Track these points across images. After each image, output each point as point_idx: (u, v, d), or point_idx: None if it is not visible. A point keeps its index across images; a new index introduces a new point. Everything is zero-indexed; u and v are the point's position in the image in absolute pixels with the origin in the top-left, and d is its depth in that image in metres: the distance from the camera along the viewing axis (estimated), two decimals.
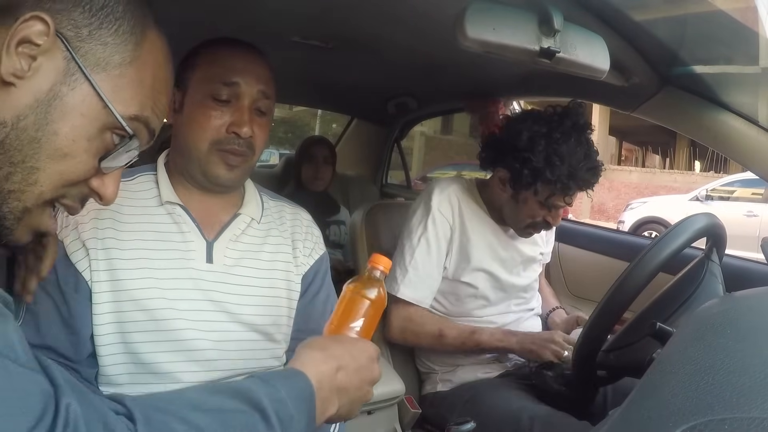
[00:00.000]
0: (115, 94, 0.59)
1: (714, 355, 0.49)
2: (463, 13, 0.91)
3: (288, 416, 0.57)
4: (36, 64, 0.54)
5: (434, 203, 1.45)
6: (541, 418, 1.21)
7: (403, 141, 3.16)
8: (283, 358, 1.03)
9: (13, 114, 0.54)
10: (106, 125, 0.59)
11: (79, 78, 0.56)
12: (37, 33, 0.53)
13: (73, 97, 0.56)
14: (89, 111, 0.57)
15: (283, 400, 0.57)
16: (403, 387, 1.34)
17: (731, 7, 1.07)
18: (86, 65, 0.57)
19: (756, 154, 1.21)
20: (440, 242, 1.44)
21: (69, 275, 0.85)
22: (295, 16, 1.39)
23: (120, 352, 0.86)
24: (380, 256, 0.78)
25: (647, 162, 19.73)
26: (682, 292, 1.07)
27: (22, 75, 0.53)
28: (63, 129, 0.56)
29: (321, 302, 1.07)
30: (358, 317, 0.75)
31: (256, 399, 0.56)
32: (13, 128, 0.54)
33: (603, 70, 1.06)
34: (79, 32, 0.56)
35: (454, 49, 0.96)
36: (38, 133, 0.55)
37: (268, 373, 0.61)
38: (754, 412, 0.40)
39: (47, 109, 0.55)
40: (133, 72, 0.60)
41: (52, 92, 0.55)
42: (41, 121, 0.55)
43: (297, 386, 0.61)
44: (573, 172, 1.30)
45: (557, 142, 1.30)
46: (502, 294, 1.50)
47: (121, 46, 0.59)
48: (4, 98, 0.54)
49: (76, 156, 0.58)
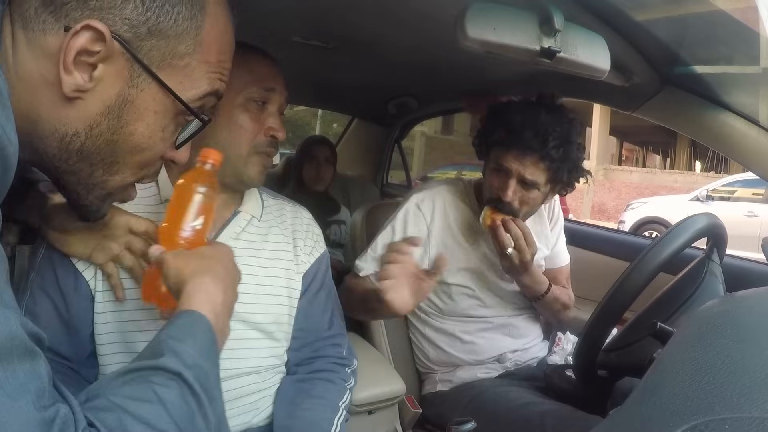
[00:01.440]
0: (183, 83, 0.57)
1: (714, 355, 0.49)
2: (464, 13, 0.91)
3: (204, 376, 0.53)
4: (97, 74, 0.52)
5: (415, 198, 1.47)
6: (552, 412, 1.20)
7: (404, 141, 3.16)
8: (284, 357, 1.03)
9: (85, 124, 0.53)
10: (179, 112, 0.59)
11: (146, 78, 0.55)
12: (91, 41, 0.50)
13: (144, 98, 0.55)
14: (161, 107, 0.57)
15: (198, 364, 0.54)
16: (404, 387, 1.34)
17: (732, 7, 1.07)
18: (150, 64, 0.54)
19: (756, 155, 1.21)
20: (408, 234, 1.42)
21: (68, 275, 0.85)
22: (296, 16, 1.39)
23: (120, 351, 0.86)
24: (211, 149, 0.73)
25: (648, 162, 19.72)
26: (682, 292, 1.07)
27: (85, 88, 0.52)
28: (139, 129, 0.56)
29: (321, 301, 1.08)
30: (198, 215, 0.71)
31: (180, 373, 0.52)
32: (87, 137, 0.54)
33: (604, 70, 1.06)
34: (137, 31, 0.53)
35: (455, 49, 0.96)
36: (114, 136, 0.55)
37: (173, 333, 0.55)
38: (755, 412, 0.40)
39: (119, 113, 0.54)
40: (198, 56, 0.58)
41: (121, 97, 0.54)
42: (115, 125, 0.54)
43: (204, 338, 0.57)
44: (507, 126, 1.31)
45: (504, 109, 1.36)
46: (496, 297, 1.49)
47: (182, 35, 0.56)
48: (73, 110, 0.52)
49: (153, 147, 0.59)
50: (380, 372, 1.37)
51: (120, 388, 0.48)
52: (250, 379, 0.95)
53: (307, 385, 1.02)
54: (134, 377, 0.49)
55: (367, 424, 1.29)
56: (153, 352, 0.52)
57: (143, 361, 0.51)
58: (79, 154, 0.55)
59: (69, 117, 0.53)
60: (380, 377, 1.34)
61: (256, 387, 0.96)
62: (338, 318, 1.12)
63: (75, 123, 0.53)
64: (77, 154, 0.55)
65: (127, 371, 0.50)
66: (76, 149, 0.54)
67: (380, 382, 1.32)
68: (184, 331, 0.55)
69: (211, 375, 0.54)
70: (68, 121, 0.53)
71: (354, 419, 1.11)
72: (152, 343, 0.54)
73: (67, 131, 0.53)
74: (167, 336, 0.54)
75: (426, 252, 1.44)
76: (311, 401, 0.98)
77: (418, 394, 1.56)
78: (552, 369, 1.39)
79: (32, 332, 0.42)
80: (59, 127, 0.53)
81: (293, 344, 1.04)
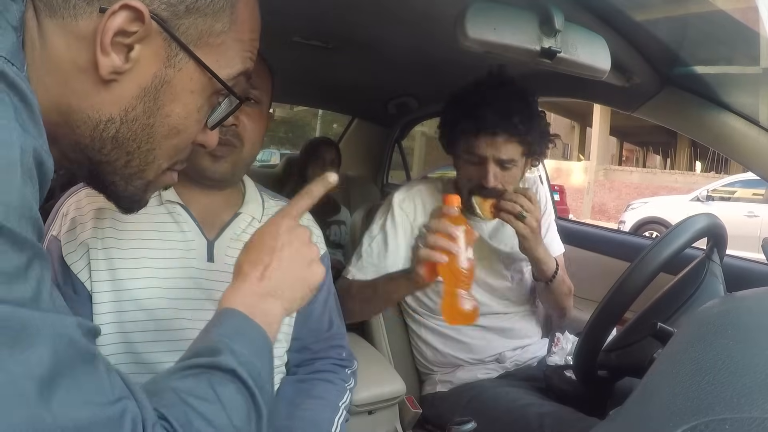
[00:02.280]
0: (219, 61, 0.56)
1: (715, 355, 0.49)
2: (464, 13, 0.91)
3: (257, 373, 0.55)
4: (134, 54, 0.50)
5: (396, 199, 1.47)
6: (551, 414, 1.20)
7: (404, 141, 3.16)
8: (284, 357, 1.03)
9: (120, 108, 0.52)
10: (213, 92, 0.58)
11: (183, 57, 0.53)
12: (128, 21, 0.49)
13: (181, 78, 0.54)
14: (197, 86, 0.56)
15: (251, 361, 0.55)
16: (404, 387, 1.34)
17: (732, 8, 1.07)
18: (188, 43, 0.53)
19: (757, 155, 1.21)
20: (398, 237, 1.43)
21: (67, 276, 0.85)
22: (296, 16, 1.39)
23: (121, 351, 0.86)
24: (451, 196, 0.99)
25: (648, 162, 19.74)
26: (683, 292, 1.07)
27: (122, 70, 0.50)
28: (175, 110, 0.55)
29: (321, 302, 1.07)
30: (467, 248, 0.96)
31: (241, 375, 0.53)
32: (123, 122, 0.53)
33: (604, 70, 1.06)
34: (175, 10, 0.51)
35: (455, 49, 0.96)
36: (150, 120, 0.54)
37: (221, 334, 0.56)
38: (755, 412, 0.40)
39: (155, 95, 0.53)
40: (233, 35, 0.57)
41: (158, 78, 0.52)
42: (151, 108, 0.53)
43: (255, 336, 0.58)
44: (469, 111, 1.29)
45: (460, 95, 1.37)
46: (487, 295, 1.48)
47: (219, 13, 0.54)
48: (107, 94, 0.51)
49: (188, 128, 0.58)
50: (380, 372, 1.37)
51: (182, 383, 0.50)
52: None
53: (307, 386, 1.02)
54: (194, 373, 0.51)
55: (368, 424, 1.30)
56: (210, 350, 0.53)
57: (201, 358, 0.53)
58: (114, 141, 0.53)
59: (103, 102, 0.51)
60: (380, 377, 1.34)
61: None
62: (338, 319, 1.12)
63: (109, 108, 0.52)
64: (112, 141, 0.53)
65: (187, 367, 0.52)
66: (111, 136, 0.53)
67: (380, 382, 1.32)
68: (236, 330, 0.57)
69: (263, 373, 0.56)
70: (102, 107, 0.52)
71: (354, 419, 1.11)
72: (205, 340, 0.56)
73: (101, 118, 0.52)
74: (220, 335, 0.55)
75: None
76: (311, 401, 0.98)
77: (418, 394, 1.56)
78: (552, 370, 1.39)
79: (87, 329, 0.43)
80: (92, 114, 0.52)
81: (293, 345, 1.04)
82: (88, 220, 0.87)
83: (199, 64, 0.54)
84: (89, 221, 0.87)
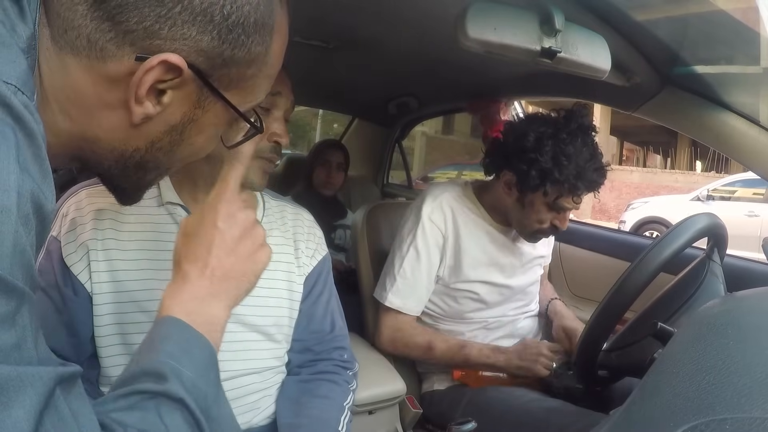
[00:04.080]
0: (246, 98, 0.57)
1: (715, 355, 0.49)
2: (464, 13, 0.91)
3: (202, 397, 0.52)
4: (166, 98, 0.50)
5: (425, 212, 1.44)
6: (555, 409, 1.21)
7: (405, 141, 3.16)
8: (284, 358, 1.03)
9: (147, 141, 0.53)
10: (234, 120, 0.59)
11: (213, 100, 0.54)
12: (165, 71, 0.48)
13: (208, 117, 0.55)
14: (222, 120, 0.57)
15: (196, 385, 0.52)
16: (404, 387, 1.34)
17: (732, 7, 1.07)
18: (220, 88, 0.53)
19: (757, 154, 1.21)
20: (431, 251, 1.43)
21: (67, 277, 0.85)
22: (296, 16, 1.37)
23: (121, 353, 0.86)
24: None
25: (648, 162, 19.72)
26: (683, 292, 1.07)
27: (153, 114, 0.51)
28: (198, 141, 0.56)
29: (323, 304, 1.07)
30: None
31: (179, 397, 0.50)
32: (147, 151, 0.54)
33: (604, 70, 1.06)
34: (213, 62, 0.51)
35: (455, 49, 0.96)
36: (174, 148, 0.55)
37: (167, 354, 0.52)
38: (756, 412, 0.40)
39: (182, 130, 0.54)
40: (264, 72, 0.57)
41: (186, 117, 0.53)
42: (177, 140, 0.55)
43: (201, 356, 0.55)
44: (581, 172, 1.28)
45: (564, 142, 1.29)
46: (500, 297, 1.49)
47: (254, 60, 0.54)
48: (135, 132, 0.52)
49: (206, 151, 0.59)
50: (381, 372, 1.37)
51: (130, 417, 0.47)
52: (251, 378, 0.95)
53: (311, 386, 1.02)
54: (140, 402, 0.49)
55: (368, 424, 1.30)
56: (156, 374, 0.50)
57: (148, 384, 0.50)
58: (137, 165, 0.55)
59: (131, 138, 0.52)
60: (381, 377, 1.34)
61: (257, 387, 0.96)
62: (340, 321, 1.12)
63: (136, 142, 0.53)
64: (135, 166, 0.55)
65: (133, 393, 0.49)
66: (135, 162, 0.54)
67: (381, 382, 1.32)
68: (182, 348, 0.54)
69: (209, 395, 0.53)
70: (129, 141, 0.53)
71: (355, 419, 1.11)
72: (150, 358, 0.52)
73: (127, 149, 0.53)
74: (166, 355, 0.52)
75: (443, 260, 1.45)
76: (317, 401, 0.98)
77: (418, 394, 1.56)
78: (553, 368, 1.39)
79: (69, 376, 0.41)
80: (118, 145, 0.53)
81: (296, 347, 1.04)
82: (88, 221, 0.87)
83: (227, 104, 0.55)
84: (89, 222, 0.87)
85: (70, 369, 0.41)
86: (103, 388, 0.88)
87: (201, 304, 0.57)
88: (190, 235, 0.61)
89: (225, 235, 0.60)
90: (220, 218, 0.60)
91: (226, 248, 0.60)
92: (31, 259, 0.40)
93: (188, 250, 0.60)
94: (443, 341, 1.43)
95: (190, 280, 0.58)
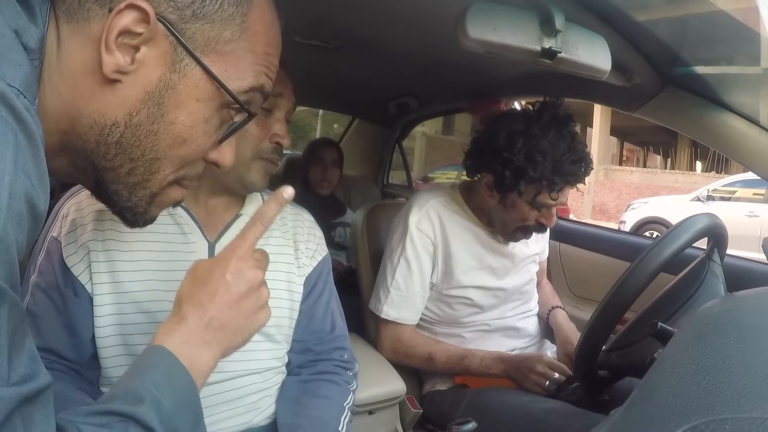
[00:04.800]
0: (228, 72, 0.55)
1: (715, 355, 0.49)
2: (465, 13, 0.91)
3: (174, 430, 0.52)
4: (140, 56, 0.50)
5: (412, 221, 1.42)
6: (555, 409, 1.21)
7: (405, 141, 3.16)
8: (284, 359, 1.03)
9: (125, 112, 0.52)
10: (222, 104, 0.57)
11: (189, 63, 0.53)
12: (135, 21, 0.49)
13: (186, 84, 0.53)
14: (204, 95, 0.55)
15: (172, 419, 0.52)
16: (404, 387, 1.34)
17: (732, 8, 1.07)
18: (194, 48, 0.53)
19: (757, 155, 1.21)
20: (422, 259, 1.42)
21: (67, 278, 0.85)
22: (296, 16, 1.39)
23: (121, 354, 0.86)
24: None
25: (648, 162, 19.73)
26: (683, 292, 1.06)
27: (126, 70, 0.50)
28: (179, 117, 0.54)
29: (323, 304, 1.07)
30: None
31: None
32: (127, 126, 0.52)
33: (604, 70, 1.06)
34: (182, 14, 0.51)
35: (456, 49, 0.96)
36: (154, 126, 0.53)
37: (151, 382, 0.53)
38: (756, 412, 0.40)
39: (159, 100, 0.52)
40: (243, 44, 0.56)
41: (162, 82, 0.52)
42: (155, 114, 0.53)
43: (177, 387, 0.55)
44: (557, 167, 1.25)
45: (536, 138, 1.26)
46: (495, 300, 1.49)
47: (228, 21, 0.54)
48: (112, 97, 0.51)
49: (195, 140, 0.56)
50: (381, 372, 1.37)
51: (97, 430, 0.47)
52: (251, 379, 0.95)
53: (312, 386, 1.02)
54: (110, 421, 0.48)
55: (368, 424, 1.30)
56: (134, 396, 0.50)
57: (121, 404, 0.49)
58: (118, 146, 0.53)
59: (108, 105, 0.51)
60: (381, 377, 1.34)
61: (257, 387, 0.96)
62: (340, 321, 1.12)
63: (114, 111, 0.52)
64: (116, 146, 0.53)
65: (104, 412, 0.49)
66: (115, 141, 0.53)
67: (381, 382, 1.32)
68: (165, 379, 0.54)
69: (182, 428, 0.53)
70: (108, 110, 0.51)
71: (355, 419, 1.11)
72: (133, 382, 0.52)
73: (106, 122, 0.52)
74: (150, 382, 0.52)
75: (435, 267, 1.45)
76: (318, 401, 0.99)
77: (418, 394, 1.56)
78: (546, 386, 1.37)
79: (28, 391, 0.40)
80: (98, 118, 0.52)
81: (296, 347, 1.04)
82: (88, 222, 0.87)
83: (206, 71, 0.53)
84: (90, 223, 0.87)
85: (36, 385, 0.40)
86: (103, 389, 0.88)
87: (192, 349, 0.58)
88: (198, 278, 0.61)
89: (231, 289, 0.60)
90: (229, 271, 0.60)
91: (230, 301, 0.60)
92: (15, 259, 0.39)
93: (192, 294, 0.60)
94: (443, 352, 1.43)
95: (187, 324, 0.59)
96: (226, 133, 0.60)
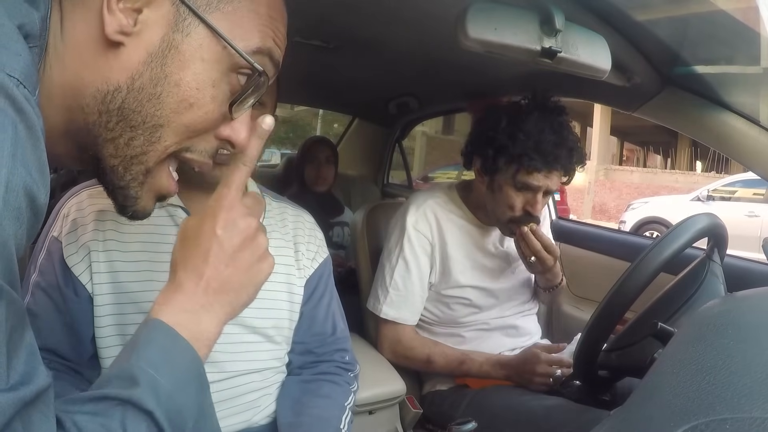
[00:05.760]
0: (233, 31, 0.54)
1: (715, 355, 0.49)
2: (465, 13, 0.91)
3: (176, 411, 0.49)
4: (142, 17, 0.50)
5: (409, 222, 1.44)
6: (556, 406, 1.21)
7: (405, 141, 3.16)
8: (284, 359, 1.03)
9: (127, 75, 0.51)
10: (230, 67, 0.55)
11: (192, 22, 0.52)
12: None
13: (190, 44, 0.52)
14: (209, 55, 0.53)
15: (171, 398, 0.49)
16: (404, 387, 1.35)
17: (733, 8, 1.07)
18: (197, 7, 0.52)
19: (757, 155, 1.21)
20: (420, 260, 1.43)
21: (68, 278, 0.85)
22: (296, 16, 1.38)
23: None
24: None
25: (648, 162, 19.73)
26: (683, 292, 1.06)
27: (128, 31, 0.49)
28: (185, 78, 0.52)
29: (324, 307, 1.07)
30: None
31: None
32: (129, 91, 0.51)
33: (605, 70, 1.06)
34: None
35: (456, 49, 0.96)
36: (157, 89, 0.51)
37: (146, 360, 0.49)
38: (756, 412, 0.40)
39: (163, 61, 0.51)
40: (247, 4, 0.55)
41: (165, 42, 0.51)
42: (158, 76, 0.51)
43: (177, 364, 0.51)
44: (538, 145, 1.27)
45: (521, 120, 1.30)
46: (493, 300, 1.49)
47: None
48: (114, 60, 0.50)
49: (202, 105, 0.54)
50: (381, 372, 1.37)
51: (91, 419, 0.45)
52: (250, 377, 0.95)
53: (313, 386, 1.02)
54: (105, 409, 0.46)
55: (368, 424, 1.30)
56: (129, 378, 0.48)
57: (117, 389, 0.47)
58: (119, 113, 0.51)
59: (112, 70, 0.50)
60: (381, 377, 1.34)
61: (257, 386, 0.96)
62: (341, 323, 1.12)
63: (117, 76, 0.51)
64: (118, 113, 0.51)
65: (100, 398, 0.46)
66: (117, 107, 0.51)
67: (381, 382, 1.32)
68: (163, 356, 0.50)
69: (186, 410, 0.50)
70: (110, 76, 0.51)
71: (355, 419, 1.11)
72: (129, 362, 0.49)
73: (109, 88, 0.51)
74: (145, 361, 0.49)
75: (433, 267, 1.45)
76: (319, 400, 0.99)
77: (418, 394, 1.56)
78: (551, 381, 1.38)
79: (26, 395, 0.38)
80: (101, 86, 0.51)
81: (297, 349, 1.04)
82: (89, 222, 0.87)
83: (210, 29, 0.52)
84: (90, 223, 0.87)
85: (35, 387, 0.39)
86: None
87: (191, 317, 0.54)
88: (188, 240, 0.57)
89: (224, 244, 0.55)
90: (219, 225, 0.55)
91: (225, 258, 0.55)
92: (13, 255, 0.39)
93: (185, 257, 0.56)
94: (442, 356, 1.43)
95: (183, 290, 0.55)
96: (238, 99, 0.56)
